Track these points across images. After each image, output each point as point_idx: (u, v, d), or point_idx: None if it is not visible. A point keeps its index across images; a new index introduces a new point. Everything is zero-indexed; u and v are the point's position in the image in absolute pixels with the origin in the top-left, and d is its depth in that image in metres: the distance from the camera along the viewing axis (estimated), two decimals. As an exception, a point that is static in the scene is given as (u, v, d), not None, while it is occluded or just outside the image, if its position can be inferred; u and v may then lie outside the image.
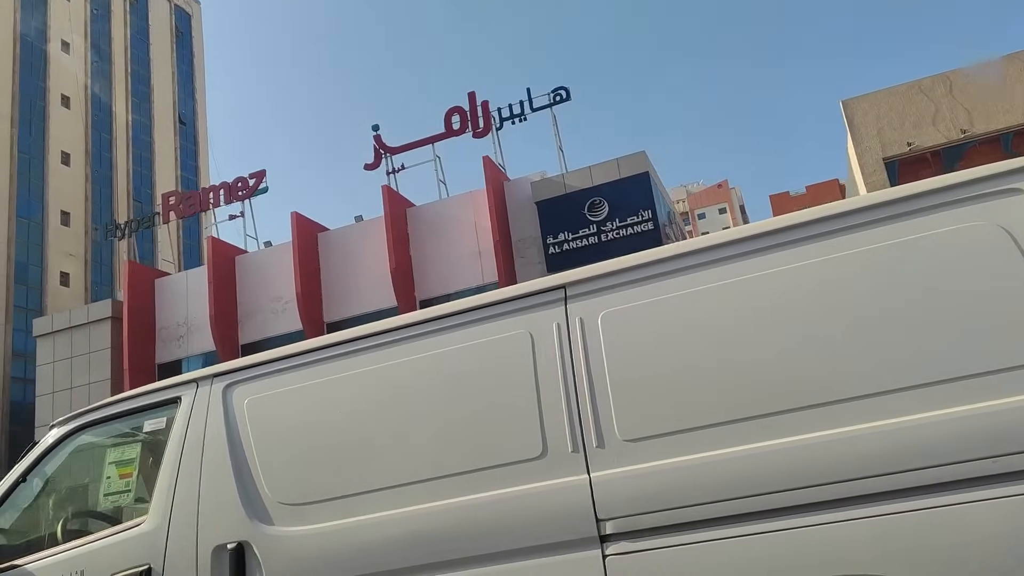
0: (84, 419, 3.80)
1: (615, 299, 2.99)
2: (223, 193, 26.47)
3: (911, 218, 2.70)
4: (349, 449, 3.20)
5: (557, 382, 2.95)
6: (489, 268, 21.78)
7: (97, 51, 38.42)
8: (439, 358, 3.18)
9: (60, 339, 25.76)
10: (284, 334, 23.73)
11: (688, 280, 2.91)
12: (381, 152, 24.86)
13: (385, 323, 3.38)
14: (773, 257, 2.82)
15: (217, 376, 3.59)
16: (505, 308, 3.16)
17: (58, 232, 33.84)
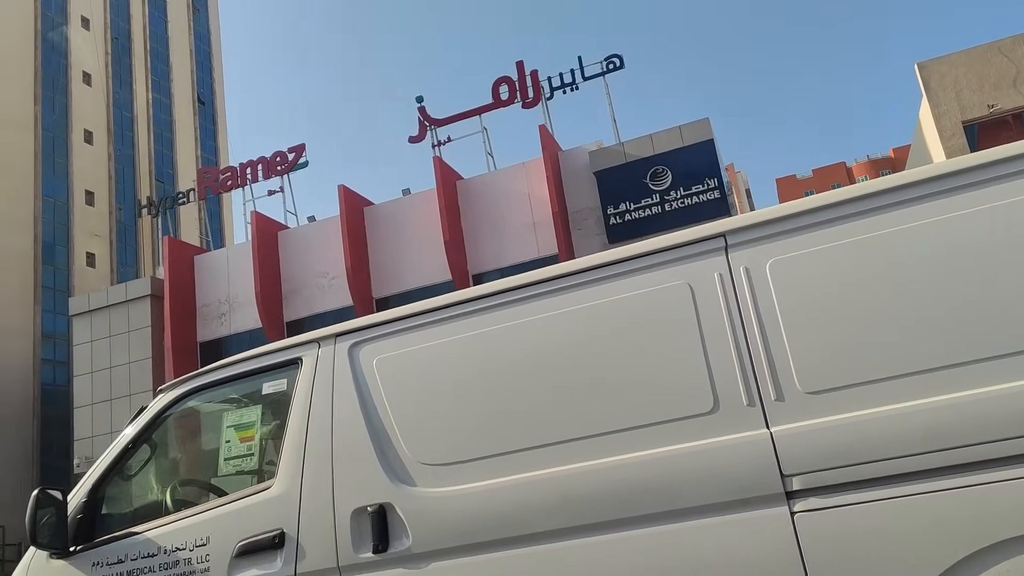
0: (193, 383, 3.67)
1: (783, 247, 2.86)
2: (261, 168, 25.92)
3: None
4: (496, 407, 3.07)
5: (724, 334, 2.84)
6: (545, 240, 21.32)
7: (116, 28, 37.66)
8: (590, 311, 3.06)
9: (97, 318, 25.22)
10: (332, 310, 23.27)
11: (861, 226, 2.78)
12: (426, 124, 24.31)
13: (525, 276, 3.22)
14: (947, 202, 2.71)
15: (340, 336, 3.44)
16: (660, 259, 3.03)
17: (83, 212, 33.23)
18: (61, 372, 30.73)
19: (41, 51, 32.89)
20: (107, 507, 3.61)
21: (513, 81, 23.40)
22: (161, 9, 41.31)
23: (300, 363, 3.45)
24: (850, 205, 2.82)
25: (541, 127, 21.21)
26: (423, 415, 3.18)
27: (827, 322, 2.72)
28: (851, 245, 2.78)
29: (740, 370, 2.78)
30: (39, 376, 29.51)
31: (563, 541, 2.81)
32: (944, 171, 2.76)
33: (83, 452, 24.44)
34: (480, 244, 22.02)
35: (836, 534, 2.57)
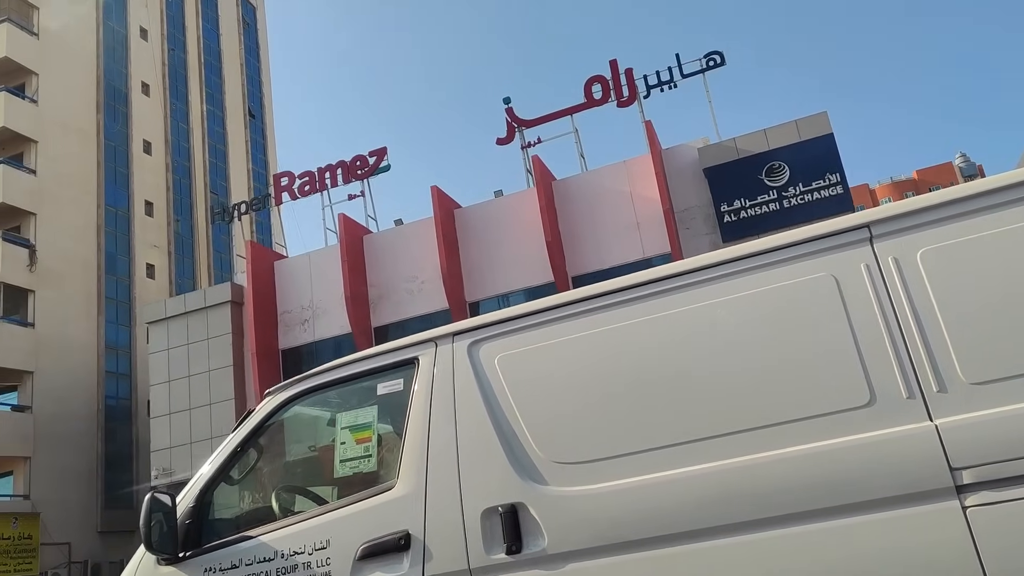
0: (302, 386, 3.63)
1: (933, 236, 2.81)
2: (341, 172, 25.36)
3: None
4: (632, 403, 3.01)
5: (876, 326, 2.78)
6: (650, 240, 20.63)
7: (172, 39, 37.42)
8: (730, 304, 2.99)
9: (174, 325, 24.53)
10: (422, 315, 22.58)
11: (1011, 215, 2.71)
12: (514, 126, 23.77)
13: (659, 270, 3.19)
14: None
15: (458, 335, 3.41)
16: (802, 250, 2.97)
17: (143, 222, 32.69)
18: (124, 385, 30.02)
19: (103, 60, 32.58)
20: (216, 512, 3.57)
21: (606, 80, 22.85)
22: (213, 23, 41.13)
23: (417, 363, 3.41)
24: (991, 196, 2.78)
25: (647, 123, 20.61)
26: (553, 413, 3.11)
27: (987, 311, 2.66)
28: (1005, 234, 2.71)
29: (897, 362, 2.72)
30: (103, 389, 28.78)
31: (714, 540, 2.72)
32: None
33: (160, 463, 23.62)
34: (579, 246, 21.33)
35: (1015, 529, 2.47)
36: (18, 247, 26.96)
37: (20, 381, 26.22)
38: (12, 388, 26.34)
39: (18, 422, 25.43)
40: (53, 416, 26.48)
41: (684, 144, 21.09)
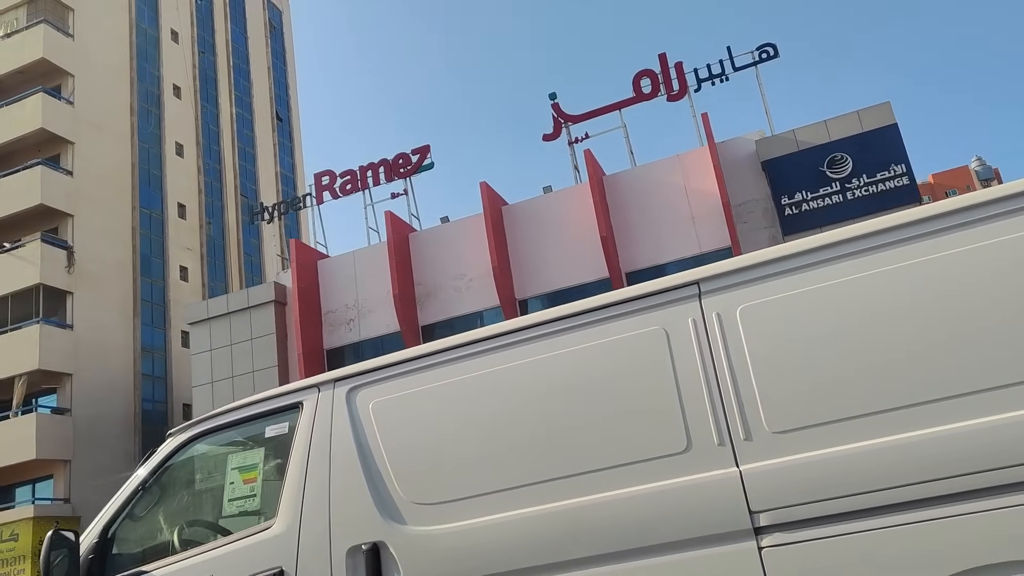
0: (201, 427, 3.84)
1: (752, 293, 3.02)
2: (383, 171, 25.09)
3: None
4: (483, 448, 3.22)
5: (697, 377, 2.98)
6: (707, 234, 20.26)
7: (202, 42, 37.30)
8: (572, 356, 3.20)
9: (217, 326, 24.25)
10: (471, 313, 22.27)
11: (826, 273, 2.94)
12: (561, 121, 23.46)
13: (514, 322, 3.40)
14: (910, 249, 2.85)
15: (339, 381, 3.61)
16: (639, 305, 3.18)
17: (176, 224, 32.47)
18: (160, 388, 29.75)
19: (136, 62, 32.44)
20: (118, 548, 3.70)
21: (655, 74, 22.54)
22: (241, 26, 41.03)
23: (301, 407, 3.61)
24: (813, 254, 2.98)
25: (703, 116, 20.26)
26: (415, 456, 3.32)
27: (792, 364, 2.85)
28: (816, 291, 2.91)
29: (711, 411, 2.91)
30: (140, 392, 28.49)
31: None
32: (904, 221, 2.89)
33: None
34: (632, 241, 20.98)
35: (803, 568, 2.66)
36: (57, 249, 26.74)
37: (59, 383, 25.97)
38: (52, 391, 26.08)
39: (58, 425, 25.16)
40: (92, 419, 26.20)
41: (740, 137, 20.74)
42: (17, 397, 25.04)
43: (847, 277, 2.90)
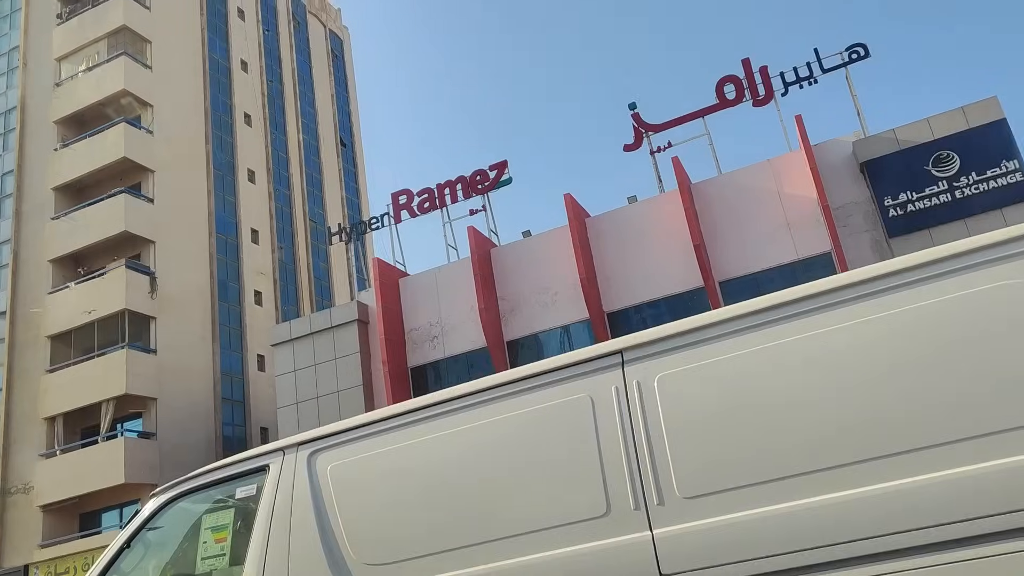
0: (181, 488, 4.04)
1: (670, 362, 3.12)
2: (460, 187, 24.98)
3: (952, 277, 2.81)
4: (424, 510, 3.36)
5: (617, 443, 3.08)
6: (804, 240, 19.62)
7: (270, 71, 37.99)
8: (506, 422, 3.35)
9: (300, 346, 24.25)
10: (557, 327, 21.90)
11: (738, 342, 3.02)
12: (642, 131, 23.10)
13: (456, 389, 3.56)
14: (819, 318, 2.95)
15: (302, 444, 3.79)
16: (566, 374, 3.32)
17: (250, 250, 32.84)
18: (239, 411, 29.89)
19: (209, 91, 33.10)
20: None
21: (739, 79, 22.08)
22: (306, 54, 41.73)
23: (267, 470, 3.78)
24: (730, 323, 3.07)
25: (797, 118, 19.70)
26: (365, 518, 3.48)
27: (703, 431, 2.96)
28: (731, 360, 3.02)
29: (629, 477, 3.02)
30: (220, 416, 28.65)
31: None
32: (808, 293, 3.01)
33: (291, 487, 23.18)
34: (724, 249, 20.42)
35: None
36: (140, 275, 27.14)
37: (144, 408, 26.21)
38: (137, 415, 26.33)
39: (145, 449, 25.35)
40: (176, 443, 26.36)
41: (835, 139, 20.12)
42: (105, 422, 25.31)
43: (760, 346, 2.98)
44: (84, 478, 24.85)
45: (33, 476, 25.80)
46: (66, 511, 25.65)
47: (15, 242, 29.20)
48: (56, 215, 28.68)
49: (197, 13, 33.99)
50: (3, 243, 29.50)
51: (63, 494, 25.12)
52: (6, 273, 28.93)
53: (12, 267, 28.85)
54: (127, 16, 29.90)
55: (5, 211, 29.98)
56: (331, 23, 45.50)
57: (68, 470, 25.30)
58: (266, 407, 31.11)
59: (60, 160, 29.34)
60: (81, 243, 27.80)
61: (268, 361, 31.90)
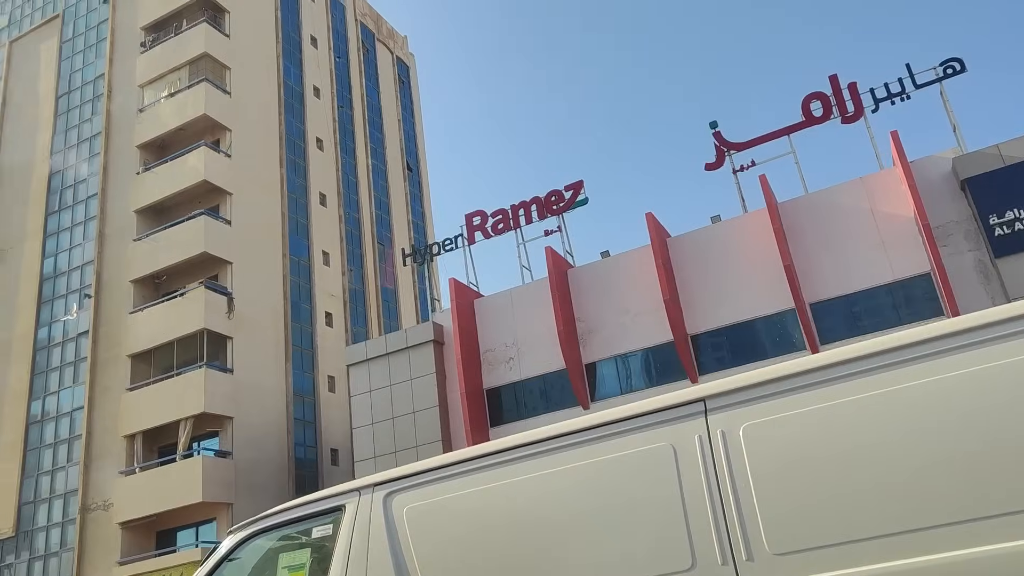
0: (258, 525, 4.11)
1: (756, 412, 3.03)
2: (535, 208, 24.81)
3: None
4: (504, 556, 3.33)
5: (702, 495, 3.01)
6: (900, 260, 18.87)
7: (341, 97, 38.62)
8: (585, 469, 3.31)
9: (376, 366, 24.22)
10: (638, 349, 21.43)
11: (827, 392, 2.91)
12: (724, 150, 22.65)
13: (534, 433, 3.54)
14: (913, 370, 2.81)
15: (378, 485, 3.82)
16: (647, 421, 3.26)
17: (322, 272, 33.17)
18: (310, 432, 29.99)
19: (284, 117, 33.74)
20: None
21: (826, 96, 21.51)
22: (374, 81, 42.37)
23: (343, 510, 3.84)
24: (818, 373, 2.97)
25: (893, 134, 19.05)
26: (441, 562, 3.48)
27: (795, 485, 2.85)
28: (820, 411, 2.90)
29: (715, 530, 2.94)
30: (292, 436, 28.76)
31: None
32: (904, 343, 2.88)
33: (365, 509, 23.02)
34: (815, 270, 19.76)
35: None
36: (218, 295, 27.54)
37: (221, 427, 26.43)
38: (213, 434, 26.56)
39: (221, 468, 25.51)
40: (251, 462, 26.49)
41: (933, 155, 19.37)
42: (183, 440, 25.58)
43: (852, 397, 2.85)
44: (162, 496, 25.09)
45: (112, 493, 26.16)
46: (144, 528, 25.91)
47: (98, 263, 29.96)
48: (138, 237, 29.37)
49: (273, 41, 34.78)
50: (87, 264, 30.30)
51: (141, 511, 25.39)
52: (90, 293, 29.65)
53: (95, 287, 29.58)
54: (208, 44, 30.70)
55: (89, 233, 30.84)
56: (398, 50, 46.19)
57: (146, 488, 25.60)
58: (336, 428, 31.18)
59: (142, 183, 30.11)
60: (162, 264, 28.38)
61: (338, 382, 32.04)
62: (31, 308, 31.11)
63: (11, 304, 31.76)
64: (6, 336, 31.39)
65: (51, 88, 35.04)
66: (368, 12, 44.04)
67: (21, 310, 31.41)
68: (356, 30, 42.00)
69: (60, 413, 28.74)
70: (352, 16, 42.08)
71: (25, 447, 28.95)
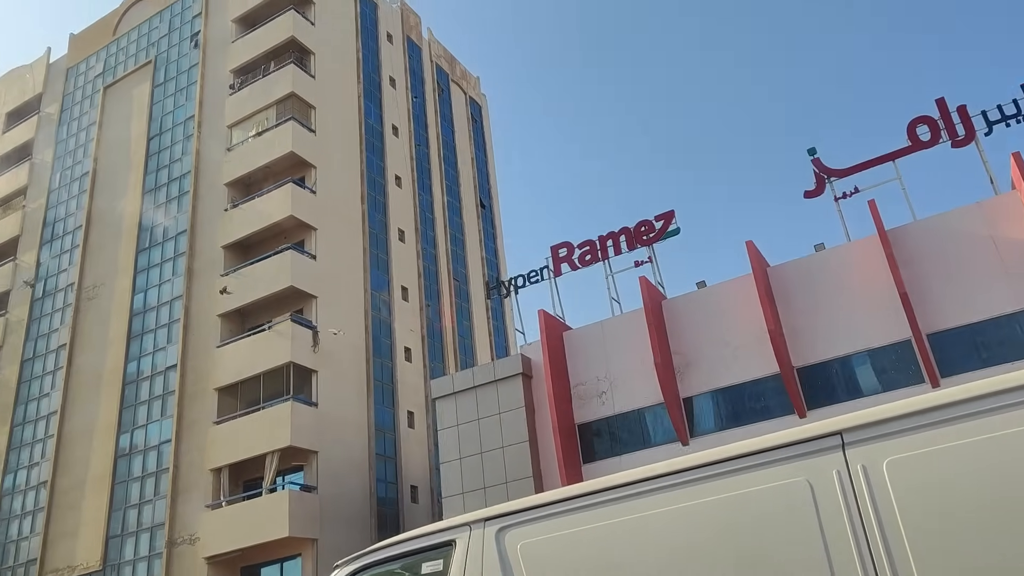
0: (366, 560, 4.04)
1: (900, 445, 2.84)
2: (624, 239, 24.34)
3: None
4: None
5: (845, 535, 2.83)
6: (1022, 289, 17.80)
7: (418, 136, 39.10)
8: (717, 505, 3.13)
9: (463, 400, 23.82)
10: (740, 383, 20.59)
11: (982, 425, 2.67)
12: (824, 176, 21.93)
13: (659, 467, 3.41)
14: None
15: (490, 520, 3.70)
16: (779, 455, 3.10)
17: (401, 307, 33.19)
18: (390, 468, 29.66)
19: (365, 154, 34.20)
20: None
21: (934, 120, 20.69)
22: (448, 120, 42.87)
23: (454, 545, 3.75)
24: (971, 404, 2.73)
25: (1015, 155, 18.15)
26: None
27: (949, 526, 2.60)
28: (973, 445, 2.64)
29: (862, 572, 2.72)
30: (374, 472, 28.46)
31: None
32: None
33: (454, 547, 22.43)
34: (931, 298, 18.78)
35: None
36: (304, 328, 27.66)
37: (306, 461, 26.30)
38: (298, 468, 26.44)
39: (307, 503, 25.30)
40: (335, 497, 26.23)
41: (1061, 177, 18.35)
42: (270, 474, 25.49)
43: (1012, 429, 2.59)
44: (248, 530, 24.95)
45: (199, 527, 26.14)
46: (229, 563, 25.76)
47: (186, 298, 30.48)
48: (225, 272, 29.83)
49: (355, 81, 35.46)
50: (176, 299, 30.86)
51: (227, 546, 25.26)
52: (178, 328, 30.14)
53: (183, 322, 30.05)
54: (296, 84, 31.42)
55: (178, 269, 31.47)
56: (471, 90, 46.74)
57: (232, 522, 25.51)
58: (416, 464, 30.82)
59: (230, 220, 30.69)
60: (248, 299, 28.70)
61: (417, 418, 31.77)
62: (121, 343, 31.75)
63: (102, 339, 32.49)
64: (97, 371, 32.05)
65: (143, 130, 36.27)
66: (443, 54, 44.76)
67: (111, 345, 32.08)
68: (432, 71, 42.66)
69: (148, 446, 29.03)
70: (428, 58, 42.80)
71: (113, 480, 29.26)
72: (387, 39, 39.37)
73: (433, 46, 43.75)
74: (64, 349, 33.62)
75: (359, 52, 36.35)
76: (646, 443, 21.22)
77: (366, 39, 37.38)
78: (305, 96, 31.77)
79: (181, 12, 37.69)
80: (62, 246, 36.76)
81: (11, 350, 35.70)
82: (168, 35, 37.77)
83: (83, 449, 30.75)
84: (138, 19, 39.71)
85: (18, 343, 35.60)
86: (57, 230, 37.43)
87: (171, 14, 38.13)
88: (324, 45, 34.04)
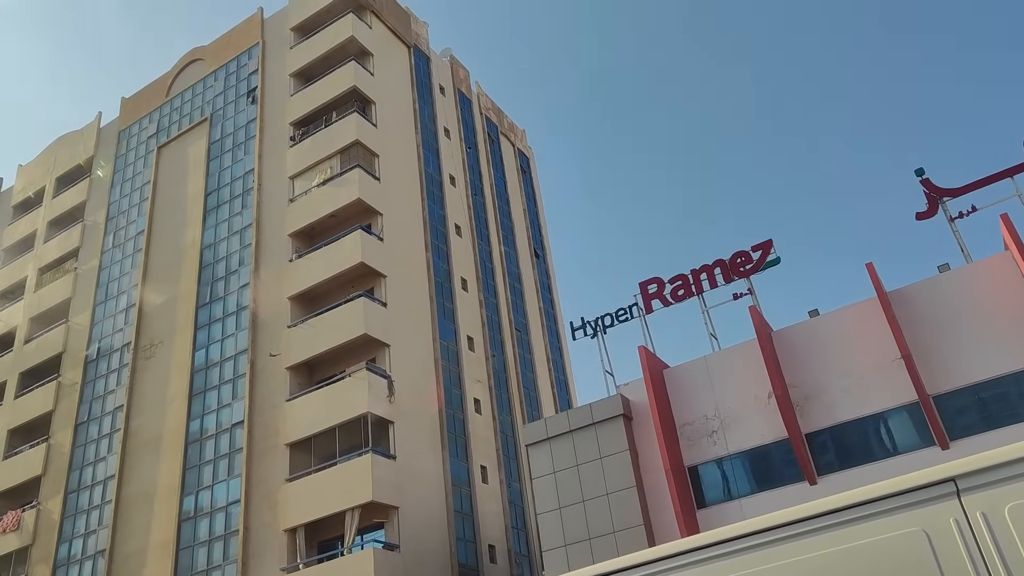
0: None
1: (1020, 491, 2.72)
2: (719, 272, 23.31)
3: None
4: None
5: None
6: None
7: (474, 186, 38.67)
8: (833, 557, 3.02)
9: (558, 446, 22.45)
10: (868, 415, 19.25)
11: None
12: (935, 197, 20.96)
13: (766, 520, 3.31)
14: None
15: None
16: (891, 504, 2.99)
17: (468, 357, 32.08)
18: (468, 525, 28.06)
19: (427, 203, 33.65)
20: None
21: (1052, 133, 19.76)
22: (500, 170, 42.53)
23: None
24: None
25: None
26: None
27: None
28: None
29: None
30: (453, 530, 26.87)
31: None
32: None
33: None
34: (1078, 316, 17.52)
35: None
36: (379, 378, 26.55)
37: (386, 517, 24.84)
38: (378, 526, 24.95)
39: (391, 562, 23.74)
40: (417, 556, 24.68)
41: None
42: (350, 533, 24.01)
43: None
44: (329, 594, 23.36)
45: (274, 592, 24.55)
46: (308, 631, 24.07)
47: (252, 352, 29.51)
48: (292, 323, 28.92)
49: (412, 131, 35.20)
50: (241, 353, 29.88)
51: (306, 612, 23.64)
52: (244, 383, 29.08)
53: (249, 377, 29.00)
54: (360, 132, 31.08)
55: (242, 323, 30.60)
56: (518, 142, 46.55)
57: (311, 585, 23.93)
58: (492, 522, 29.21)
59: (295, 270, 29.95)
60: (319, 349, 27.70)
61: (490, 472, 30.29)
62: (182, 401, 30.68)
63: (162, 398, 31.45)
64: (156, 432, 30.91)
65: (200, 187, 35.95)
66: (491, 107, 44.73)
67: (171, 404, 31.02)
68: (482, 123, 42.52)
69: (215, 508, 27.64)
70: (477, 110, 42.73)
71: (177, 546, 27.79)
72: (440, 91, 39.31)
73: (482, 99, 43.74)
74: (121, 411, 32.57)
75: (415, 103, 36.20)
76: (768, 484, 19.75)
77: (421, 90, 37.30)
78: (369, 144, 31.39)
79: (237, 70, 37.82)
80: (117, 306, 36.09)
81: (64, 415, 34.67)
82: (223, 92, 37.83)
83: (144, 514, 29.38)
84: (192, 79, 39.91)
85: (71, 407, 34.58)
86: (111, 290, 36.83)
87: (226, 72, 38.28)
88: (383, 96, 33.86)
